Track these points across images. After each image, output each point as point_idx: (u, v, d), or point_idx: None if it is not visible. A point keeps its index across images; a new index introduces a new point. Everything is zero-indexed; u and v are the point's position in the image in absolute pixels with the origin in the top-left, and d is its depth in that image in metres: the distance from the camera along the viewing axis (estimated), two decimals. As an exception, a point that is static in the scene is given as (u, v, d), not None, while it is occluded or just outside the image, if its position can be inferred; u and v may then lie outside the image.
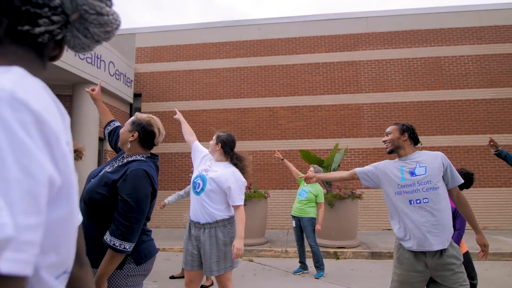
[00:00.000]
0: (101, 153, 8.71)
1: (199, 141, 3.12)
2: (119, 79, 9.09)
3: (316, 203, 5.19)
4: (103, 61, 8.28)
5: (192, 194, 2.77)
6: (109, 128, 2.29)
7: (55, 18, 0.58)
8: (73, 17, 0.61)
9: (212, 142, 2.87)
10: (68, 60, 7.06)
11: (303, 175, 4.87)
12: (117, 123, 2.32)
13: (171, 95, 10.08)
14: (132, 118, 1.93)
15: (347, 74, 9.63)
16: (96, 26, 0.64)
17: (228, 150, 2.84)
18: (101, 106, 2.35)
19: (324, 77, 9.69)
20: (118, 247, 1.61)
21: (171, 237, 7.98)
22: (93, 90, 2.35)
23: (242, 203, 2.70)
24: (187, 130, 3.07)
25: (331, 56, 9.77)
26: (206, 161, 2.89)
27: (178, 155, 9.73)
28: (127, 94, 9.61)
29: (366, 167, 2.60)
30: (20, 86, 0.48)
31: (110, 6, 0.65)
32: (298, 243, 5.28)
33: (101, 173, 1.82)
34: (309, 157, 7.44)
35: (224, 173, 2.71)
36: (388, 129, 2.53)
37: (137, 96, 10.17)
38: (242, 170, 2.79)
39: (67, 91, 8.08)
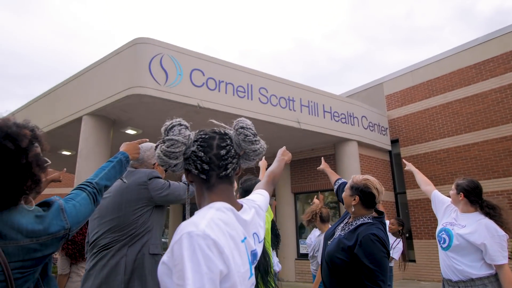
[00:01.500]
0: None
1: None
2: (373, 129, 9.45)
3: None
4: (356, 117, 8.94)
5: (439, 248, 2.51)
6: (335, 186, 2.56)
7: (235, 161, 1.02)
8: (241, 154, 1.05)
9: (452, 192, 2.53)
10: (327, 125, 8.12)
11: None
12: (341, 181, 2.56)
13: (430, 134, 9.39)
14: (350, 182, 2.07)
15: None
16: (253, 156, 1.07)
17: (474, 198, 2.41)
18: (328, 171, 2.68)
19: None
20: None
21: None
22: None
23: (506, 261, 2.17)
24: (422, 180, 2.86)
25: None
26: (450, 213, 2.56)
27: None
28: (384, 142, 9.77)
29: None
30: (209, 226, 0.83)
31: (259, 142, 1.06)
32: None
33: (337, 236, 2.03)
34: None
35: (475, 228, 2.31)
36: None
37: (394, 142, 10.13)
38: (498, 221, 2.28)
39: (330, 151, 9.16)
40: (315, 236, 3.99)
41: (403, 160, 3.31)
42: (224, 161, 0.98)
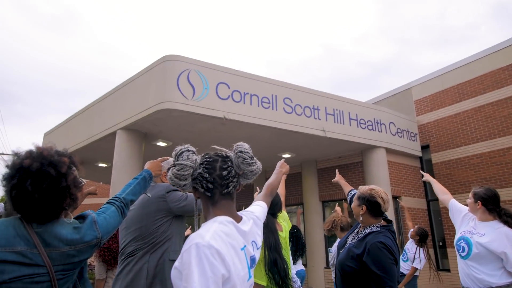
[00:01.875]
0: (397, 211, 8.89)
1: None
2: (402, 136, 9.30)
3: None
4: (383, 124, 8.85)
5: (458, 257, 2.53)
6: (348, 197, 2.64)
7: (235, 180, 1.20)
8: (240, 174, 1.21)
9: (470, 200, 2.55)
10: (353, 132, 8.11)
11: None
12: (353, 192, 2.66)
13: (462, 139, 9.11)
14: (357, 193, 2.16)
15: None
16: (250, 175, 1.25)
17: (492, 207, 2.42)
18: (342, 183, 2.75)
19: None
20: None
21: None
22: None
23: None
24: (439, 189, 2.88)
25: None
26: (468, 221, 2.56)
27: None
28: (414, 148, 9.57)
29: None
30: (213, 238, 1.00)
31: (255, 164, 1.22)
32: None
33: (347, 245, 2.13)
34: None
35: (494, 237, 2.32)
36: None
37: (425, 148, 9.90)
38: None
39: (358, 158, 9.10)
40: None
41: (421, 171, 3.33)
42: (226, 181, 1.15)
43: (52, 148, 1.27)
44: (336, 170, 3.11)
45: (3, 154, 25.56)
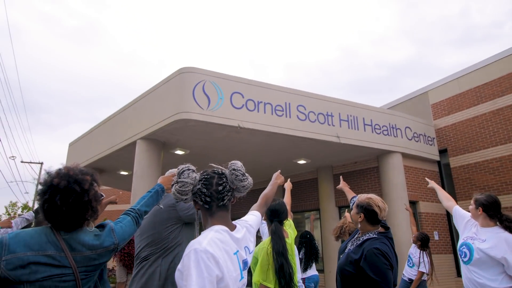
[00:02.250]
0: (415, 216, 8.82)
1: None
2: (419, 140, 9.24)
3: None
4: (399, 129, 8.82)
5: (461, 262, 2.60)
6: (351, 204, 2.76)
7: (230, 193, 1.33)
8: (234, 188, 1.38)
9: (471, 207, 2.61)
10: (367, 138, 8.14)
11: None
12: (355, 199, 2.76)
13: (481, 143, 8.98)
14: (356, 201, 2.28)
15: None
16: (242, 190, 1.39)
17: (492, 213, 2.48)
18: (346, 190, 2.87)
19: None
20: None
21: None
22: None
23: None
24: (444, 196, 2.95)
25: None
26: (471, 227, 2.63)
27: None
28: (431, 153, 9.48)
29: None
30: (209, 244, 1.17)
31: (247, 180, 1.39)
32: None
33: (347, 250, 2.25)
34: None
35: (495, 242, 2.38)
36: None
37: (443, 152, 9.79)
38: None
39: (373, 163, 9.10)
40: None
41: (426, 178, 3.39)
42: (221, 195, 1.33)
43: (76, 167, 1.48)
44: (340, 177, 3.23)
45: (31, 162, 26.61)
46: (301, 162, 9.29)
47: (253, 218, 1.53)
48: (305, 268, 5.11)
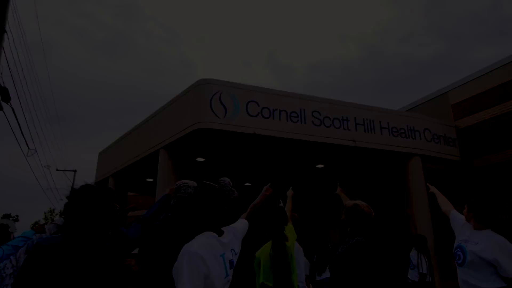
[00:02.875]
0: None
1: None
2: (439, 142, 9.14)
3: None
4: (417, 131, 8.77)
5: (456, 265, 2.72)
6: None
7: (219, 206, 1.58)
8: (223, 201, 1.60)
9: (465, 210, 2.73)
10: (385, 141, 8.17)
11: None
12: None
13: (505, 143, 8.77)
14: (344, 207, 2.47)
15: None
16: (230, 202, 1.63)
17: (484, 216, 2.59)
18: (342, 196, 3.05)
19: None
20: None
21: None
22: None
23: None
24: (443, 201, 3.05)
25: None
26: (465, 230, 2.74)
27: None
28: (453, 154, 9.35)
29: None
30: (199, 247, 1.44)
31: (234, 193, 1.67)
32: None
33: (337, 252, 2.44)
34: None
35: (487, 245, 2.49)
36: None
37: (465, 153, 9.61)
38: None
39: (392, 167, 9.09)
40: None
41: (427, 184, 3.47)
42: (212, 207, 1.59)
43: (97, 187, 1.77)
44: (337, 183, 3.38)
45: (65, 170, 28.01)
46: (319, 166, 9.42)
47: (240, 226, 1.80)
48: (319, 271, 5.27)
